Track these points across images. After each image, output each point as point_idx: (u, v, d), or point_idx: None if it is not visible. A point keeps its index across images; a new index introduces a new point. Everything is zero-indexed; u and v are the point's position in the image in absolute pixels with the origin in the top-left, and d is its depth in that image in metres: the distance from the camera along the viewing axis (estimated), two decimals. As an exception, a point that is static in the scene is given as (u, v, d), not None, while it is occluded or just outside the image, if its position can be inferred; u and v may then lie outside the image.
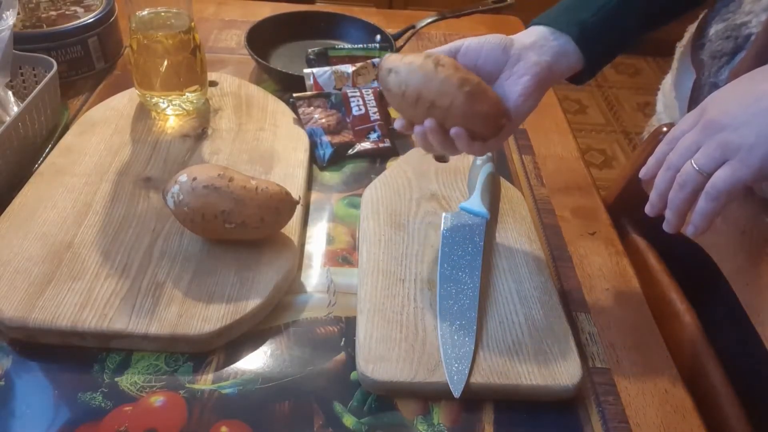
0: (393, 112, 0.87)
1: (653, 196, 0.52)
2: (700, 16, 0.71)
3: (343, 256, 0.66)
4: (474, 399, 0.53)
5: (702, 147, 0.48)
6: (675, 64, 0.78)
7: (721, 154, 0.47)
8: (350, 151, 0.80)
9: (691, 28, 0.74)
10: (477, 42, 0.58)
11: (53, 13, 0.89)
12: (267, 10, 1.08)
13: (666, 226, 0.52)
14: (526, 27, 0.61)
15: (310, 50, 0.93)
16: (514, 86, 0.57)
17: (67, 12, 0.90)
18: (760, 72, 0.49)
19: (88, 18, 0.88)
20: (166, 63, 0.76)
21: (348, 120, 0.83)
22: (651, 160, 0.54)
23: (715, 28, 0.64)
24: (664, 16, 0.63)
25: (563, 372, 0.54)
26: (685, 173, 0.49)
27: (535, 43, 0.58)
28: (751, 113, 0.46)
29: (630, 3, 0.59)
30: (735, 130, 0.47)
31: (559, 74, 0.59)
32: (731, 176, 0.46)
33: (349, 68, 0.89)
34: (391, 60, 0.56)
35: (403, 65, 0.55)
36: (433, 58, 0.55)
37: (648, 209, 0.53)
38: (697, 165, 0.48)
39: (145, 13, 0.76)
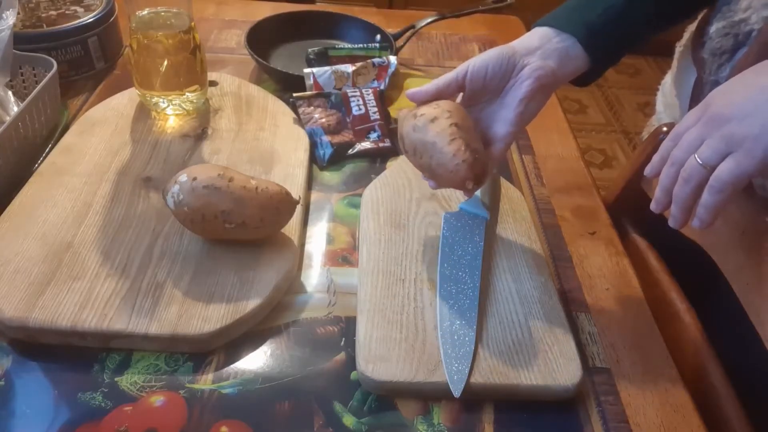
0: (393, 112, 0.87)
1: (658, 192, 0.52)
2: (700, 15, 0.71)
3: (343, 256, 0.66)
4: (474, 399, 0.53)
5: (706, 140, 0.48)
6: (675, 64, 0.77)
7: (725, 147, 0.47)
8: (350, 151, 0.80)
9: (691, 28, 0.74)
10: (481, 61, 0.58)
11: (53, 13, 0.89)
12: (267, 10, 1.08)
13: (672, 222, 0.52)
14: (530, 29, 0.61)
15: (310, 50, 0.93)
16: (516, 91, 0.58)
17: (67, 12, 0.90)
18: (765, 65, 0.49)
19: (88, 18, 0.88)
20: (166, 63, 0.76)
21: (348, 120, 0.83)
22: (655, 157, 0.53)
23: (715, 26, 0.64)
24: (671, 17, 0.62)
25: (563, 372, 0.54)
26: (690, 167, 0.49)
27: (539, 47, 0.58)
28: (756, 104, 0.46)
29: (636, 3, 0.59)
30: (740, 122, 0.47)
31: (564, 76, 0.59)
32: (736, 168, 0.46)
33: (349, 68, 0.89)
34: (402, 115, 0.61)
35: (407, 124, 0.59)
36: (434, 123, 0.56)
37: (653, 206, 0.53)
38: (701, 159, 0.48)
39: (145, 13, 0.76)
